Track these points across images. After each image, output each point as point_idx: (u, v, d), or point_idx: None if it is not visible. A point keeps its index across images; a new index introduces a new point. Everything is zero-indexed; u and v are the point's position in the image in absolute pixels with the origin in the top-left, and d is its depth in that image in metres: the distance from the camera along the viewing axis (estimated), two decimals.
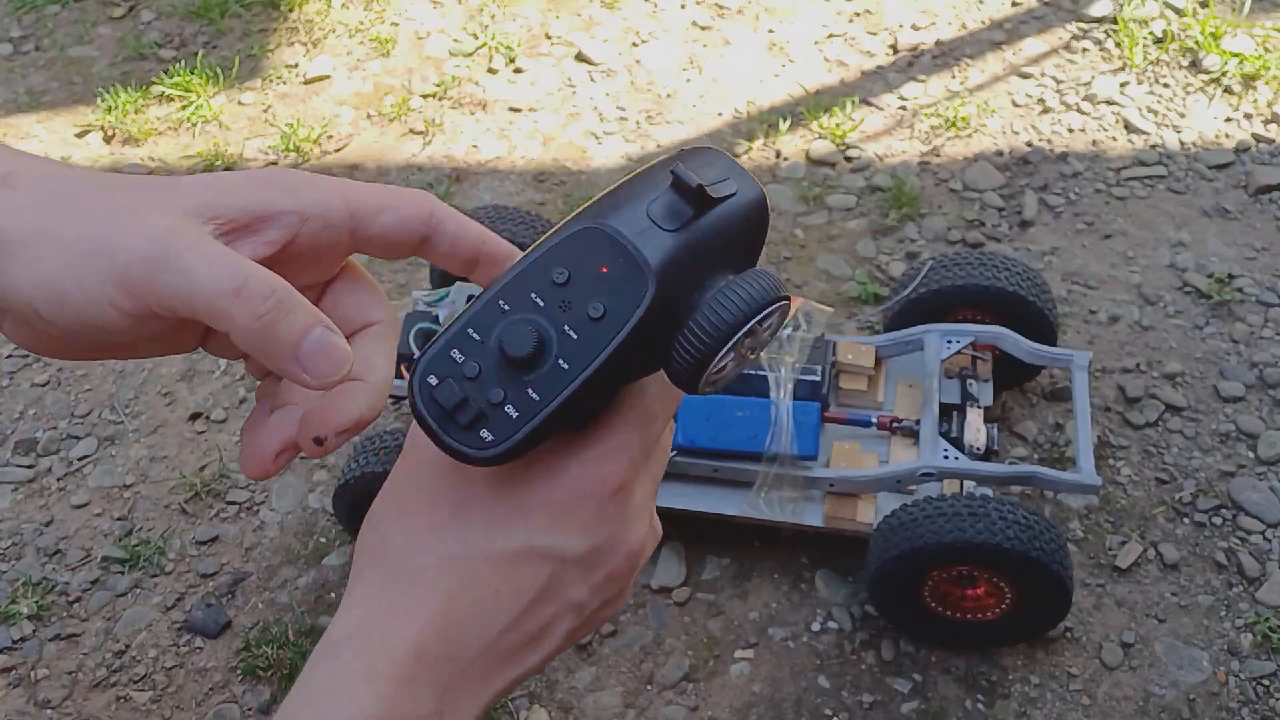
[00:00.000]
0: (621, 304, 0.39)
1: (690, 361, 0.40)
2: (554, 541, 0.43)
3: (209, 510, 1.69)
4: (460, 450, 0.40)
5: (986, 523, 1.29)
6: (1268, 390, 1.71)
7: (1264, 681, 1.43)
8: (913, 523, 1.33)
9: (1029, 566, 1.31)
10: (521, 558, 0.43)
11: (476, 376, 0.39)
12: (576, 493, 0.43)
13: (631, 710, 1.45)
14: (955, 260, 1.57)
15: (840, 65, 2.29)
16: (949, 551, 1.30)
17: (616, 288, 0.39)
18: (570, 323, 0.39)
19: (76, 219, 0.40)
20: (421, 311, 1.51)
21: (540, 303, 0.39)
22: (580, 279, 0.39)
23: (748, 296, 0.40)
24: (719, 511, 1.47)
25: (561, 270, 0.40)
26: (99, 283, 0.39)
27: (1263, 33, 2.23)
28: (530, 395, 0.39)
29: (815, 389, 1.45)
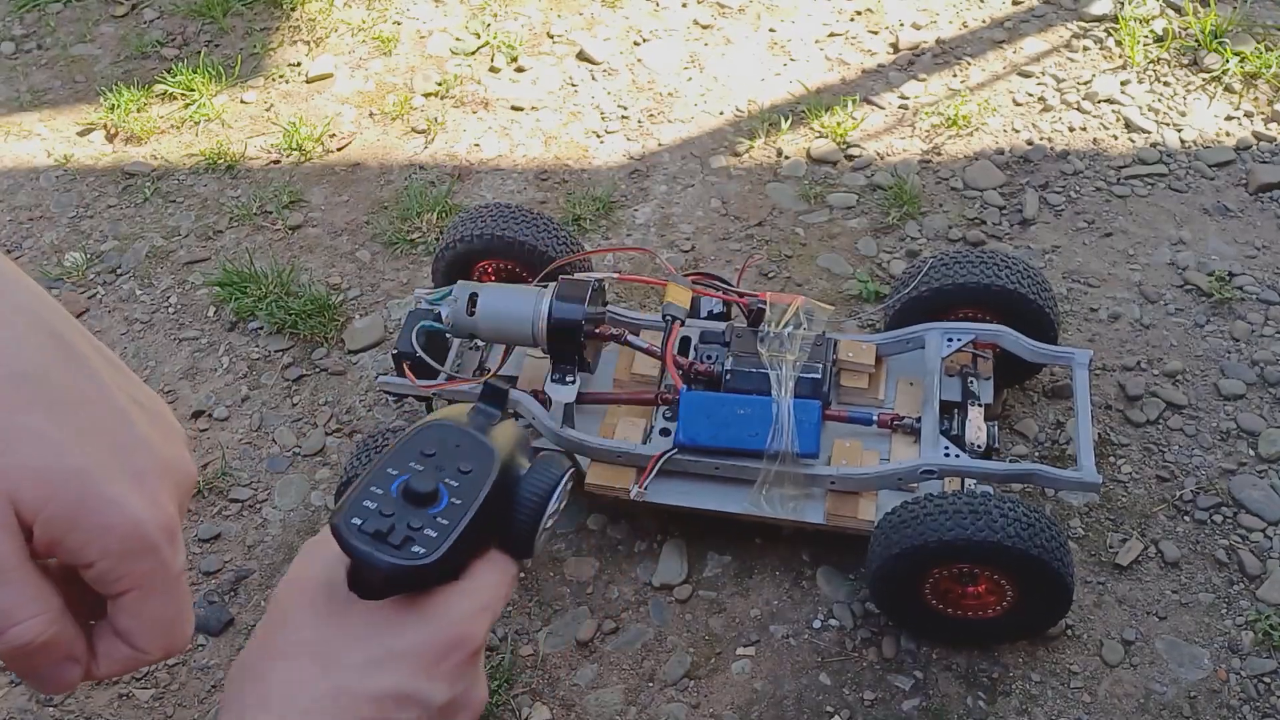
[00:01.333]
0: (480, 464, 0.51)
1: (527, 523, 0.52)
2: (424, 688, 0.47)
3: (211, 508, 1.69)
4: (399, 564, 0.48)
5: (987, 520, 1.30)
6: (1268, 388, 1.71)
7: (1265, 679, 1.43)
8: (914, 520, 1.33)
9: (1030, 564, 1.31)
10: (394, 699, 0.47)
11: (391, 514, 0.49)
12: (447, 645, 0.48)
13: (633, 707, 1.45)
14: (956, 258, 1.57)
15: (841, 64, 2.30)
16: (950, 549, 1.30)
17: (473, 455, 0.52)
18: (449, 475, 0.51)
19: None
20: (424, 309, 1.51)
21: (419, 467, 0.51)
22: (443, 452, 0.52)
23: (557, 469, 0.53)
24: (721, 509, 1.48)
25: (429, 448, 0.52)
26: None
27: (1263, 31, 2.24)
28: (440, 521, 0.49)
29: (816, 387, 1.46)
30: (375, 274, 1.99)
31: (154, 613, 0.44)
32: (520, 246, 1.61)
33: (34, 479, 0.40)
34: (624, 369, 1.59)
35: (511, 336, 1.45)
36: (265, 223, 2.10)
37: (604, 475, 1.49)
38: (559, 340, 1.43)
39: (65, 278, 2.04)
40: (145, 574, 0.43)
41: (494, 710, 1.45)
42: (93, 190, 2.20)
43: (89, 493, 0.41)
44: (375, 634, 0.47)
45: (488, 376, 1.51)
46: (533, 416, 1.49)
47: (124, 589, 0.43)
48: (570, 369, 1.47)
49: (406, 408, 1.77)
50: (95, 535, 0.41)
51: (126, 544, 0.42)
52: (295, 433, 1.78)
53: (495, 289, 1.45)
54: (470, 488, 0.50)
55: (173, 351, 1.91)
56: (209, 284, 1.98)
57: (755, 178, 2.10)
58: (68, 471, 0.40)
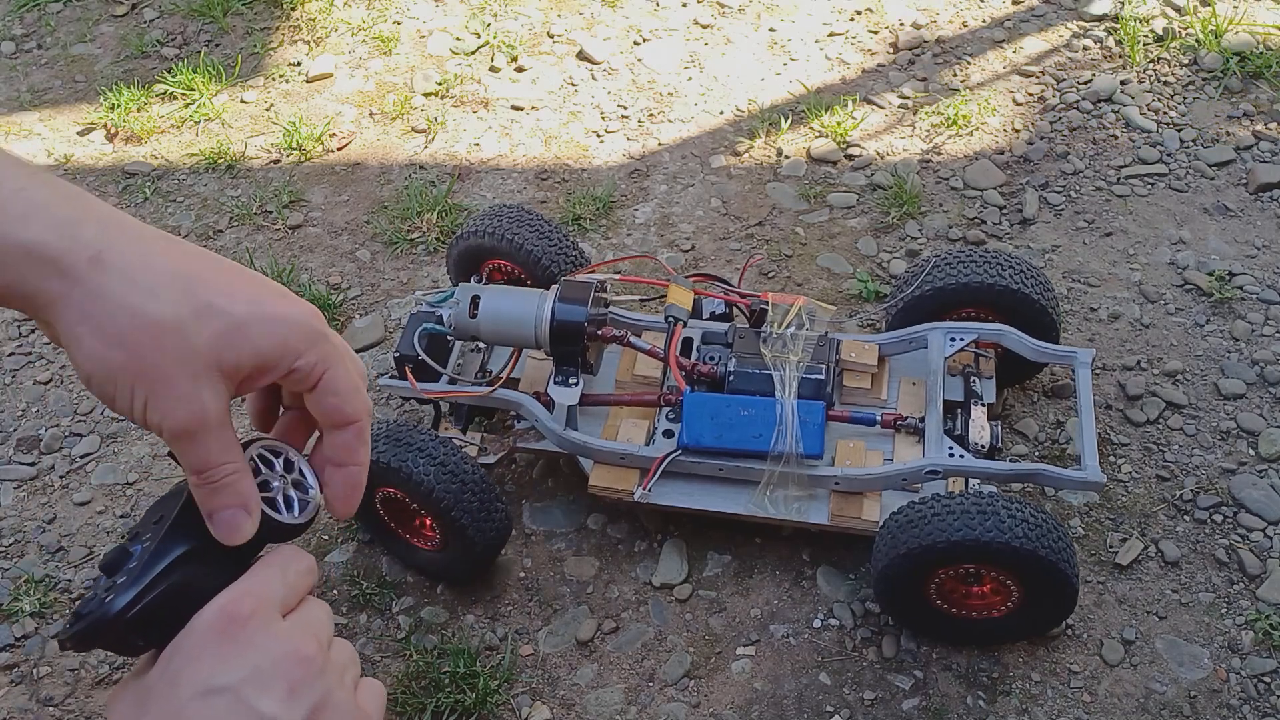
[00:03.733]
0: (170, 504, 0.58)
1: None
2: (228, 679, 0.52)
3: None
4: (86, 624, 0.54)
5: (996, 521, 1.29)
6: (1268, 388, 1.71)
7: (1265, 679, 1.43)
8: (921, 520, 1.33)
9: (1038, 565, 1.31)
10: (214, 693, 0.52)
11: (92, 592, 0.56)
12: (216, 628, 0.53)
13: (633, 707, 1.45)
14: (960, 258, 1.56)
15: (841, 63, 2.30)
16: (959, 549, 1.30)
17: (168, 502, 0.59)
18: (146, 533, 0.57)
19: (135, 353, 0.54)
20: (426, 312, 1.51)
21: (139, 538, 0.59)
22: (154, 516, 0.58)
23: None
24: (725, 510, 1.47)
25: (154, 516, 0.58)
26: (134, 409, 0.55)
27: (1263, 30, 2.24)
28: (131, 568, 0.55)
29: (820, 387, 1.45)
30: (375, 273, 1.99)
31: (346, 381, 0.59)
32: (524, 253, 1.60)
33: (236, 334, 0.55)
34: (626, 370, 1.58)
35: (514, 339, 1.45)
36: (265, 222, 2.10)
37: (608, 477, 1.48)
38: (562, 342, 1.43)
39: None
40: (329, 353, 0.58)
41: (494, 710, 1.45)
42: (93, 190, 2.20)
43: (267, 314, 0.56)
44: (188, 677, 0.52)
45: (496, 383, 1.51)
46: (535, 419, 1.49)
47: (322, 370, 0.58)
48: (573, 371, 1.47)
49: (409, 406, 1.77)
50: (286, 344, 0.56)
51: (308, 337, 0.57)
52: None
53: (498, 291, 1.45)
54: (159, 528, 0.56)
55: None
56: None
57: (755, 177, 2.10)
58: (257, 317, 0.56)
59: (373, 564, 1.61)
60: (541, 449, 1.55)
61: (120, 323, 0.54)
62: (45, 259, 0.53)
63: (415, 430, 1.44)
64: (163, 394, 0.54)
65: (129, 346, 0.54)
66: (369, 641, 1.53)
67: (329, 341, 0.59)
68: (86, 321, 0.54)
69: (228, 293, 0.56)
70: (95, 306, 0.54)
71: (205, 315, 0.55)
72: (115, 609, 0.52)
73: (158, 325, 0.54)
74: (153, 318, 0.54)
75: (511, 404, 1.52)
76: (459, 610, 1.56)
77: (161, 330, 0.54)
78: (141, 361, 0.54)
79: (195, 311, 0.55)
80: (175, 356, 0.54)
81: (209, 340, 0.55)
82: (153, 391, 0.54)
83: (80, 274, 0.54)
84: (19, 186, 0.54)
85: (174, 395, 0.54)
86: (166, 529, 0.56)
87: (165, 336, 0.54)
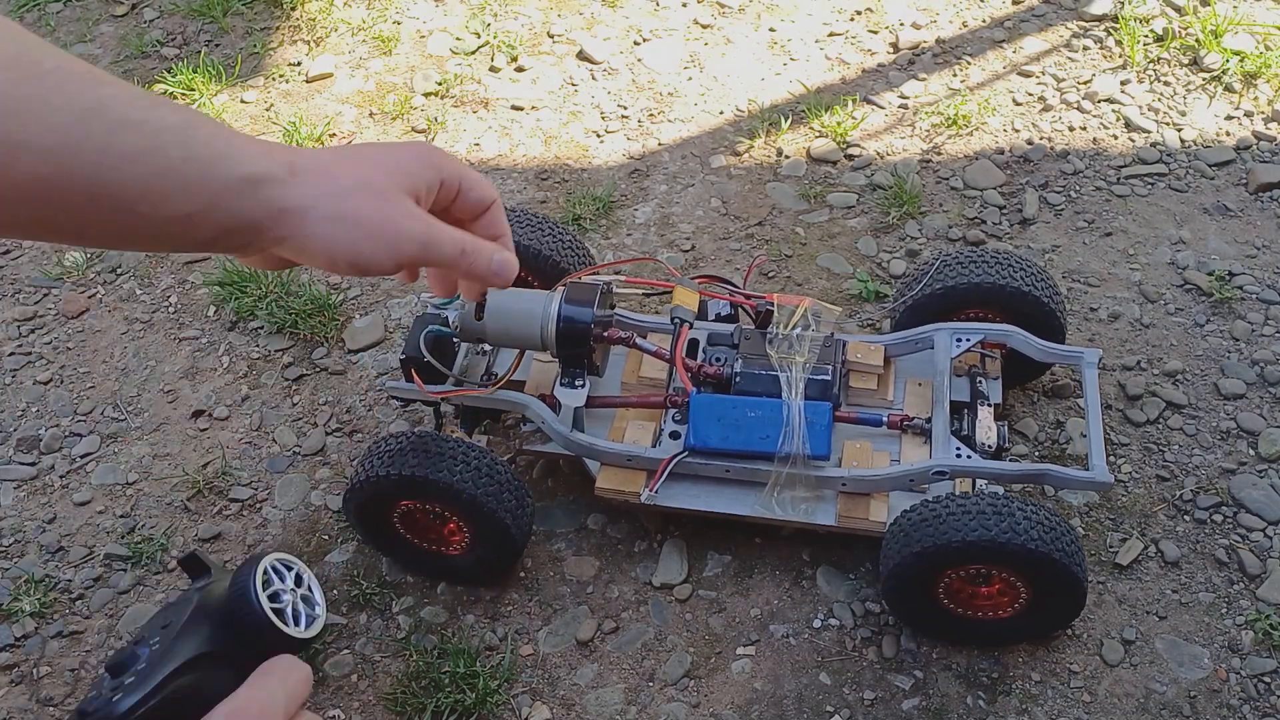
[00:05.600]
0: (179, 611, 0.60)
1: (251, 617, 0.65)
2: None
3: (211, 508, 1.69)
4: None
5: (1010, 522, 1.29)
6: (1268, 388, 1.71)
7: (1265, 679, 1.43)
8: (936, 519, 1.32)
9: (1050, 568, 1.31)
10: None
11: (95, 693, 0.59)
12: None
13: (633, 707, 1.45)
14: (967, 258, 1.56)
15: (841, 63, 2.30)
16: (973, 549, 1.30)
17: (175, 609, 0.60)
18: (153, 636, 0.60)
19: (358, 211, 0.68)
20: (431, 314, 1.51)
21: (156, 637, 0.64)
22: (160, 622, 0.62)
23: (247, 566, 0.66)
24: (731, 511, 1.47)
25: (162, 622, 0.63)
26: (382, 254, 0.69)
27: (1263, 30, 2.24)
28: (141, 669, 0.58)
29: (826, 388, 1.45)
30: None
31: (475, 176, 0.77)
32: (527, 251, 1.61)
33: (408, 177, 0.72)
34: (631, 372, 1.58)
35: (520, 341, 1.45)
36: None
37: (614, 479, 1.48)
38: (568, 344, 1.43)
39: (65, 277, 2.04)
40: (456, 164, 0.76)
41: (494, 710, 1.45)
42: None
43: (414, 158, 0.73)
44: None
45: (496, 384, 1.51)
46: (542, 421, 1.49)
47: (458, 175, 0.76)
48: (579, 373, 1.47)
49: (412, 409, 1.77)
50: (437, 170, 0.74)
51: (442, 161, 0.75)
52: (295, 432, 1.78)
53: (503, 293, 1.45)
54: (168, 633, 0.59)
55: (173, 351, 1.91)
56: (209, 283, 1.98)
57: (755, 177, 2.10)
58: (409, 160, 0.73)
59: (373, 564, 1.61)
60: (548, 451, 1.55)
61: (329, 202, 0.68)
62: (264, 180, 0.65)
63: (441, 439, 1.44)
64: (393, 235, 0.69)
65: (348, 215, 0.68)
66: (369, 641, 1.53)
67: (451, 158, 0.77)
68: (308, 216, 0.67)
69: (378, 154, 0.73)
70: (306, 199, 0.66)
71: (374, 168, 0.71)
72: (122, 710, 0.53)
73: (351, 191, 0.69)
74: (348, 188, 0.69)
75: (518, 406, 1.51)
76: (459, 610, 1.56)
77: (359, 192, 0.69)
78: (359, 217, 0.69)
79: (368, 169, 0.71)
80: (377, 201, 0.70)
81: (387, 181, 0.71)
82: (383, 237, 0.69)
83: (287, 182, 0.66)
84: (211, 134, 0.63)
85: (401, 231, 0.70)
86: (175, 634, 0.58)
87: (362, 194, 0.69)
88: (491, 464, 1.44)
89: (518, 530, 1.47)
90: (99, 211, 0.60)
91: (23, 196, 0.57)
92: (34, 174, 0.57)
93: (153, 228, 0.62)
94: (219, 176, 0.63)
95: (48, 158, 0.57)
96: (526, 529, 1.50)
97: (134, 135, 0.60)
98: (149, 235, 0.63)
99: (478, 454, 1.44)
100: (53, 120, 0.57)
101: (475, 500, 1.41)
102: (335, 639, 1.54)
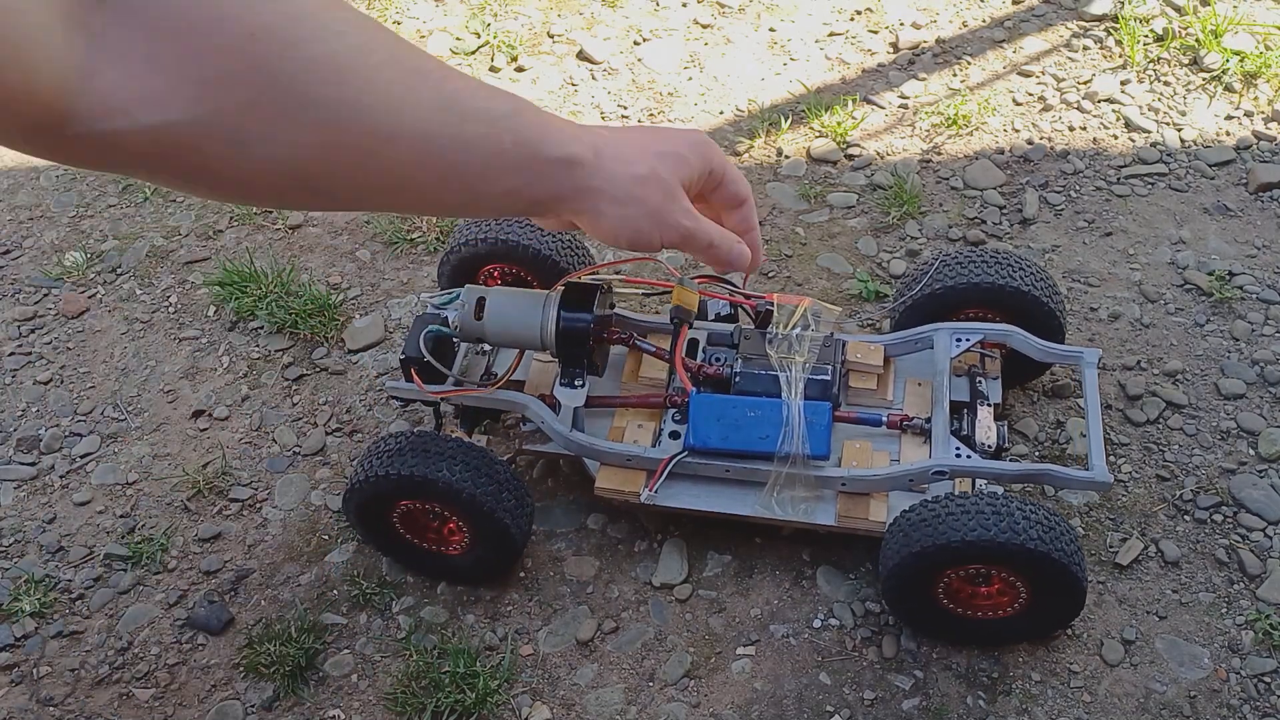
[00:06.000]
0: None
1: None
2: None
3: (211, 507, 1.69)
4: None
5: (1010, 522, 1.29)
6: (1268, 387, 1.71)
7: (1265, 679, 1.43)
8: (935, 519, 1.32)
9: (1050, 568, 1.31)
10: None
11: None
12: None
13: (633, 707, 1.45)
14: (969, 258, 1.56)
15: (841, 63, 2.30)
16: (974, 549, 1.30)
17: None
18: None
19: (645, 199, 0.84)
20: (431, 314, 1.51)
21: None
22: None
23: None
24: (731, 512, 1.47)
25: None
26: (655, 238, 0.87)
27: (1264, 30, 2.24)
28: None
29: (826, 388, 1.45)
30: (375, 273, 1.99)
31: (735, 172, 0.93)
32: (526, 251, 1.61)
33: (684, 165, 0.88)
34: (631, 372, 1.58)
35: (520, 340, 1.45)
36: (265, 222, 2.10)
37: (614, 479, 1.48)
38: (568, 344, 1.43)
39: (65, 277, 2.04)
40: (721, 156, 0.91)
41: (494, 710, 1.46)
42: (93, 190, 2.20)
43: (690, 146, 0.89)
44: None
45: (496, 384, 1.51)
46: (542, 421, 1.49)
47: (723, 167, 0.92)
48: (579, 372, 1.47)
49: (413, 409, 1.77)
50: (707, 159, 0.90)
51: (710, 151, 0.90)
52: (295, 432, 1.78)
53: (503, 293, 1.44)
54: None
55: (173, 351, 1.91)
56: (209, 284, 1.98)
57: (755, 177, 2.10)
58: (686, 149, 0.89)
59: (373, 564, 1.61)
60: (547, 451, 1.55)
61: (624, 188, 0.82)
62: (576, 163, 0.77)
63: (441, 439, 1.44)
64: (667, 220, 0.86)
65: (635, 201, 0.83)
66: (369, 641, 1.53)
67: (719, 152, 0.91)
68: (604, 197, 0.81)
69: (662, 142, 0.87)
70: (606, 184, 0.80)
71: (661, 161, 0.86)
72: None
73: (643, 180, 0.83)
74: (640, 176, 0.83)
75: (517, 406, 1.52)
76: (459, 610, 1.56)
77: (648, 182, 0.84)
78: (646, 207, 0.84)
79: (656, 162, 0.85)
80: (662, 195, 0.85)
81: (670, 176, 0.86)
82: (659, 224, 0.86)
83: (592, 165, 0.79)
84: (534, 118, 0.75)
85: (672, 222, 0.86)
86: None
87: (650, 186, 0.84)
88: (491, 464, 1.44)
89: (518, 530, 1.47)
90: (440, 188, 0.71)
91: (388, 180, 0.67)
92: (402, 159, 0.66)
93: (478, 199, 0.74)
94: (541, 157, 0.75)
95: (414, 145, 0.66)
96: (526, 529, 1.50)
97: (478, 124, 0.70)
98: (471, 205, 0.76)
99: (477, 454, 1.44)
100: (419, 113, 0.66)
101: (475, 500, 1.41)
102: (335, 639, 1.54)
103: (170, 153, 0.58)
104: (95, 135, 0.55)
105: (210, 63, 0.56)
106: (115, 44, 0.53)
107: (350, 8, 0.66)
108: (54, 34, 0.51)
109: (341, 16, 0.62)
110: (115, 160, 0.59)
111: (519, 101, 0.73)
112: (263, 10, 0.57)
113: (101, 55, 0.53)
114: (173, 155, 0.59)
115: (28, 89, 0.51)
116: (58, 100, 0.52)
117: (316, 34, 0.60)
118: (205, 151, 0.59)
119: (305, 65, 0.60)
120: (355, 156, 0.64)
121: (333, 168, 0.64)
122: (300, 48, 0.59)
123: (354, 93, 0.62)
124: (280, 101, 0.59)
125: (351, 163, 0.65)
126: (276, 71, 0.59)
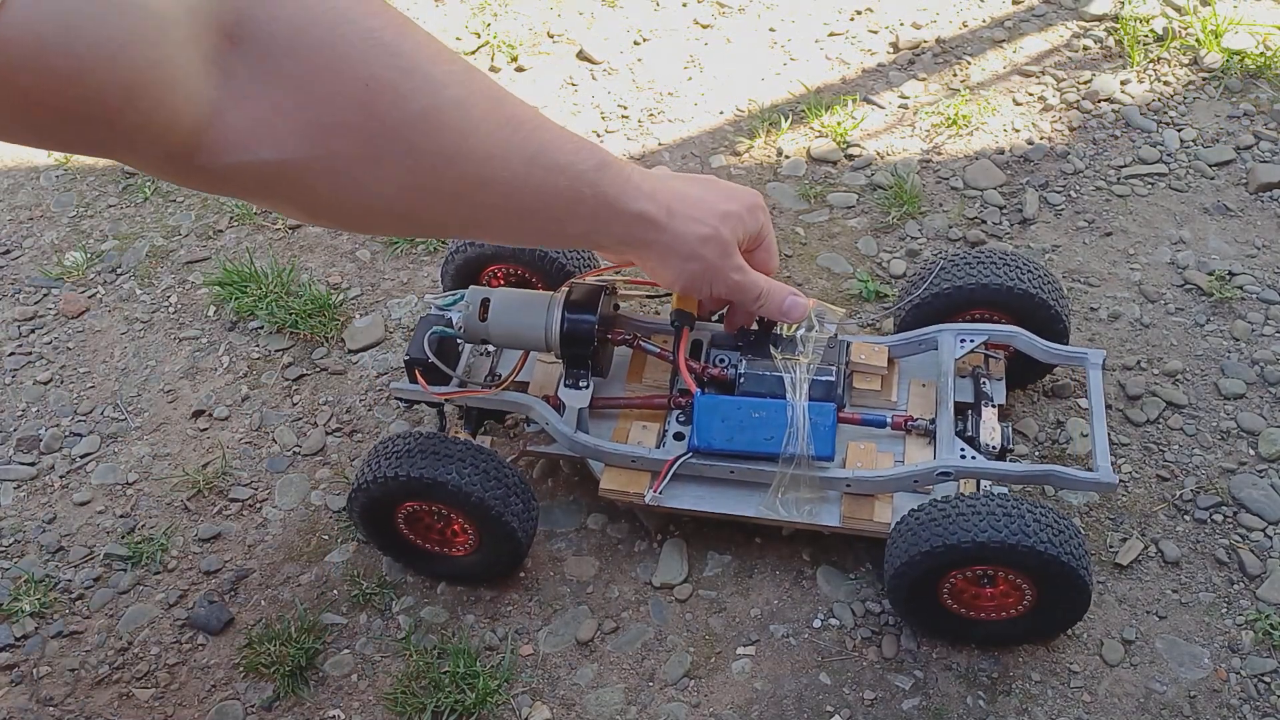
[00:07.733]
0: None
1: None
2: None
3: (211, 507, 1.69)
4: None
5: (1020, 524, 1.29)
6: (1269, 388, 1.71)
7: (1265, 679, 1.43)
8: (945, 519, 1.32)
9: (1059, 570, 1.31)
10: None
11: None
12: None
13: (633, 707, 1.45)
14: (973, 259, 1.56)
15: (841, 63, 2.30)
16: (983, 550, 1.30)
17: None
18: None
19: (705, 258, 1.03)
20: (435, 315, 1.51)
21: None
22: None
23: None
24: (735, 513, 1.47)
25: None
26: (706, 290, 1.07)
27: (1263, 30, 2.24)
28: None
29: (830, 389, 1.45)
30: (375, 273, 1.99)
31: (773, 241, 1.10)
32: (530, 252, 1.61)
33: (739, 225, 1.03)
34: (634, 374, 1.58)
35: (525, 342, 1.45)
36: (265, 222, 2.10)
37: (618, 481, 1.48)
38: (572, 345, 1.43)
39: (65, 277, 2.04)
40: (767, 221, 1.09)
41: (494, 710, 1.46)
42: (93, 189, 2.20)
43: (746, 209, 1.03)
44: None
45: (500, 385, 1.51)
46: (546, 422, 1.49)
47: (766, 232, 1.08)
48: (583, 374, 1.47)
49: (416, 411, 1.77)
50: (759, 221, 1.07)
51: (761, 214, 1.06)
52: (295, 432, 1.78)
53: (507, 294, 1.44)
54: None
55: (173, 351, 1.91)
56: (209, 283, 1.98)
57: (755, 177, 2.10)
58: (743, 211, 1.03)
59: (373, 564, 1.61)
60: (551, 452, 1.55)
61: (689, 246, 0.96)
62: (649, 221, 0.92)
63: (448, 441, 1.44)
64: (722, 277, 1.02)
65: (697, 258, 0.98)
66: (369, 641, 1.53)
67: (768, 213, 1.06)
68: (670, 252, 0.95)
69: (726, 201, 0.99)
70: (674, 240, 0.94)
71: (724, 222, 0.98)
72: None
73: (706, 240, 0.97)
74: (704, 237, 0.96)
75: (522, 407, 1.51)
76: (459, 610, 1.56)
77: (710, 242, 0.97)
78: (705, 263, 0.99)
79: (719, 223, 0.98)
80: (719, 253, 0.99)
81: (729, 236, 0.99)
82: (715, 277, 1.02)
83: (663, 224, 0.92)
84: (615, 174, 0.85)
85: (724, 279, 1.03)
86: None
87: (710, 245, 0.98)
88: (500, 467, 1.44)
89: (524, 533, 1.47)
90: (520, 226, 0.82)
91: (474, 217, 0.76)
92: (489, 203, 0.74)
93: (553, 237, 0.90)
94: (618, 211, 0.88)
95: (501, 191, 0.74)
96: (532, 532, 1.51)
97: (563, 177, 0.79)
98: (546, 241, 0.97)
99: (486, 457, 1.44)
100: (509, 164, 0.73)
101: (483, 503, 1.41)
102: (335, 639, 1.54)
103: (280, 185, 0.64)
104: (219, 167, 0.59)
105: (327, 109, 0.61)
106: (245, 86, 0.58)
107: (457, 58, 0.71)
108: (197, 75, 0.55)
109: (447, 70, 0.67)
110: (231, 188, 0.66)
111: (603, 155, 0.83)
112: (375, 62, 0.61)
113: (232, 95, 0.57)
114: (282, 187, 0.64)
115: (173, 122, 0.56)
116: (192, 135, 0.58)
117: (423, 88, 0.65)
118: (312, 186, 0.65)
119: (411, 118, 0.65)
120: (447, 199, 0.71)
121: (425, 207, 0.71)
122: (408, 100, 0.65)
123: (453, 144, 0.68)
124: (385, 149, 0.65)
125: (443, 203, 0.72)
126: (384, 120, 0.64)
